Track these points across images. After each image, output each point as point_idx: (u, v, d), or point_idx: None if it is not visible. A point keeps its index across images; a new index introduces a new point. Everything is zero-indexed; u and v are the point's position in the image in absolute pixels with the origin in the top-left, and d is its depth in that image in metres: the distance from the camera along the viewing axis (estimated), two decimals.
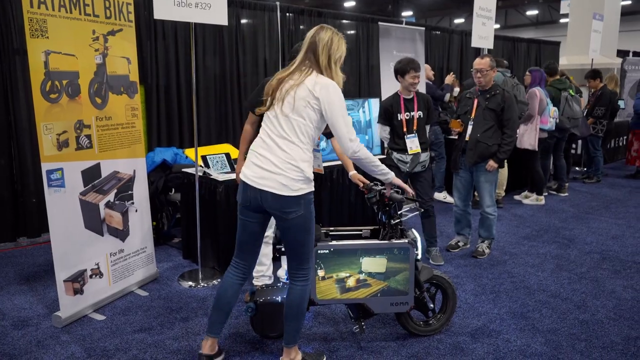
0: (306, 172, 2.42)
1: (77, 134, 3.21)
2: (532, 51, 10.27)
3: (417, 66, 4.08)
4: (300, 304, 2.57)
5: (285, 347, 2.65)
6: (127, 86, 3.60)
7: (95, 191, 3.38)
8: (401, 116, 4.16)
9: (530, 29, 26.73)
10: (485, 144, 4.22)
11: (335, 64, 2.48)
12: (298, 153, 2.41)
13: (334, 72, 2.48)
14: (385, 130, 4.27)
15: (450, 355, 2.89)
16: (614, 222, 5.53)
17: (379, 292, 2.86)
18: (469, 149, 4.29)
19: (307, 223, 2.47)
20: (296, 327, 2.61)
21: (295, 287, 2.58)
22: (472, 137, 4.27)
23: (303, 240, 2.51)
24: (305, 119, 2.42)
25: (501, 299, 3.63)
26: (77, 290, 3.28)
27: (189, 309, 3.45)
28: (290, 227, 2.46)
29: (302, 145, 2.42)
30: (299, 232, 2.47)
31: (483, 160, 4.26)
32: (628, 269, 4.18)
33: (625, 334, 3.12)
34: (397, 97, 4.20)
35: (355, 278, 2.83)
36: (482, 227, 4.51)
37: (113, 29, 3.43)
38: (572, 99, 6.40)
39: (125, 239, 3.66)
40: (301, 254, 2.54)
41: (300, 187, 2.40)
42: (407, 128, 4.17)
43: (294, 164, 2.39)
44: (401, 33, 5.84)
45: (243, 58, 6.03)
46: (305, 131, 2.43)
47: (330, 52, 2.46)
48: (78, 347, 2.95)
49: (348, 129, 2.42)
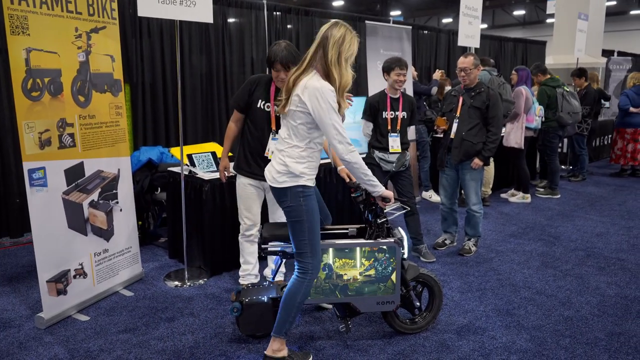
0: (290, 167, 2.51)
1: (59, 132, 3.17)
2: (518, 50, 10.36)
3: (403, 64, 4.09)
4: (292, 295, 2.60)
5: (272, 335, 2.69)
6: (111, 84, 3.56)
7: (79, 190, 3.34)
8: (386, 114, 4.16)
9: (517, 28, 26.91)
10: (470, 142, 4.24)
11: (345, 61, 2.48)
12: (289, 151, 2.53)
13: (343, 69, 2.47)
14: (369, 126, 4.28)
15: (436, 353, 2.90)
16: (599, 220, 5.58)
17: (365, 292, 2.87)
18: (454, 147, 4.31)
19: (296, 214, 2.54)
20: (284, 317, 2.63)
21: (293, 277, 2.64)
22: (457, 135, 4.29)
23: (294, 231, 2.60)
24: (295, 121, 2.50)
25: (487, 296, 3.65)
26: (60, 290, 3.24)
27: (175, 309, 3.42)
28: (285, 215, 2.62)
29: (296, 145, 2.52)
30: (290, 221, 2.60)
31: (468, 158, 4.28)
32: (612, 266, 4.22)
33: (608, 330, 3.15)
34: (383, 95, 4.21)
35: (343, 276, 2.84)
36: (468, 225, 4.53)
37: (96, 26, 3.39)
38: (569, 94, 6.44)
39: (110, 239, 3.62)
40: (296, 244, 2.62)
41: (284, 180, 2.53)
42: (391, 127, 4.17)
43: (282, 159, 2.54)
44: (388, 32, 5.84)
45: (230, 57, 6.01)
46: (298, 133, 2.51)
47: (341, 49, 2.45)
48: (61, 348, 2.92)
49: (337, 132, 2.43)
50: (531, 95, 5.97)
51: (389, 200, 2.69)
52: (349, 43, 2.47)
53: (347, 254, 2.82)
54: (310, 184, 2.57)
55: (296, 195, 2.53)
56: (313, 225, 2.58)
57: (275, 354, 2.69)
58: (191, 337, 3.06)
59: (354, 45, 2.50)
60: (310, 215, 2.55)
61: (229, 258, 4.05)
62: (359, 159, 2.53)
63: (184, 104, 5.65)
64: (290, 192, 2.53)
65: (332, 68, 2.44)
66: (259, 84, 3.34)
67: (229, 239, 4.00)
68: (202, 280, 3.88)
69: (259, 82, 3.35)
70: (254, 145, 3.37)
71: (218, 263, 4.00)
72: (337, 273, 2.84)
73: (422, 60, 8.43)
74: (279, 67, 3.16)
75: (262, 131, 3.34)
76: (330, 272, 2.83)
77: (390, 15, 22.82)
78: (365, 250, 2.82)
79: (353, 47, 2.49)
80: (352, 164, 2.52)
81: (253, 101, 3.34)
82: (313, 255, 2.60)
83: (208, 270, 3.99)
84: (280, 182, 2.54)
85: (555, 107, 6.28)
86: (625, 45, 13.98)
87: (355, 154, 2.50)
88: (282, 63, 3.13)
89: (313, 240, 2.59)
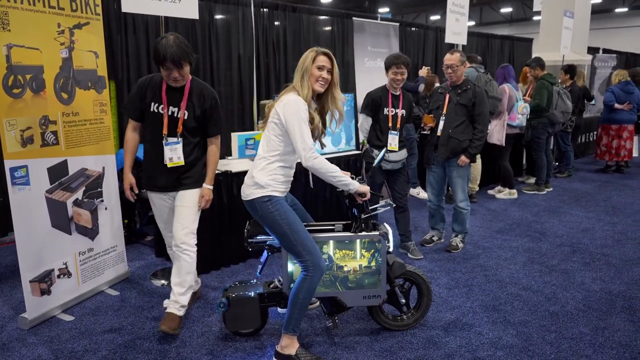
0: (256, 178, 2.63)
1: (42, 130, 3.12)
2: (505, 48, 10.40)
3: (400, 62, 4.02)
4: (296, 291, 2.64)
5: (282, 331, 2.73)
6: (95, 81, 3.51)
7: (63, 189, 3.30)
8: (387, 111, 4.15)
9: (504, 26, 27.09)
10: (456, 139, 4.25)
11: (302, 77, 2.61)
12: (257, 163, 2.67)
13: (302, 86, 2.60)
14: (368, 122, 4.25)
15: (424, 350, 2.90)
16: (584, 216, 5.64)
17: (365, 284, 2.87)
18: (441, 145, 4.32)
19: (271, 222, 2.64)
20: (290, 313, 2.67)
21: (300, 275, 2.67)
22: (444, 133, 4.29)
23: (278, 237, 2.67)
24: (269, 132, 2.64)
25: (474, 292, 3.66)
26: (44, 290, 3.20)
27: (161, 308, 3.38)
28: (263, 226, 2.73)
29: (265, 156, 2.64)
30: (269, 230, 2.70)
31: (455, 155, 4.29)
32: (597, 261, 4.26)
33: (593, 325, 3.18)
34: (385, 91, 4.19)
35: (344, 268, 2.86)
36: (455, 221, 4.55)
37: (79, 22, 3.34)
38: (564, 93, 6.48)
39: (95, 238, 3.58)
40: (287, 249, 2.70)
41: (250, 192, 2.65)
42: (391, 124, 4.16)
43: (250, 173, 2.68)
44: (375, 28, 5.84)
45: (216, 54, 5.95)
46: (270, 144, 2.63)
47: (298, 68, 2.64)
48: (45, 349, 2.88)
49: (302, 140, 2.52)
50: (515, 93, 6.00)
51: (364, 196, 2.70)
52: (303, 60, 2.63)
53: (348, 245, 2.84)
54: (277, 194, 2.64)
55: (263, 204, 2.62)
56: (293, 226, 2.61)
57: (284, 351, 2.72)
58: (177, 336, 3.04)
59: (306, 60, 2.62)
60: (284, 217, 2.61)
61: (216, 256, 4.02)
62: (324, 163, 2.59)
63: None
64: (257, 203, 2.62)
65: (296, 86, 2.63)
66: (150, 85, 3.03)
67: (215, 237, 3.98)
68: None
69: (149, 83, 3.03)
70: (153, 155, 3.08)
71: (205, 261, 3.97)
72: (337, 264, 2.85)
73: (410, 57, 8.40)
74: (169, 65, 2.83)
75: (159, 137, 3.03)
76: (331, 264, 2.84)
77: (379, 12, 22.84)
78: (365, 241, 2.84)
79: (306, 62, 2.61)
80: (316, 169, 2.59)
81: (146, 105, 3.03)
82: (308, 253, 2.61)
83: None
84: (247, 195, 2.67)
85: (550, 103, 6.29)
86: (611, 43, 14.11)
87: (318, 159, 2.56)
88: (174, 60, 2.81)
89: (300, 239, 2.61)
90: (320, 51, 2.65)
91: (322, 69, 2.63)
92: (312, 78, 2.61)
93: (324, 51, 2.66)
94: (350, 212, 2.86)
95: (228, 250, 4.08)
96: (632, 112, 7.71)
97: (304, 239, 2.62)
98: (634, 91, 7.64)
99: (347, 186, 2.66)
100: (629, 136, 7.83)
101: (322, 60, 2.63)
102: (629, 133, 7.81)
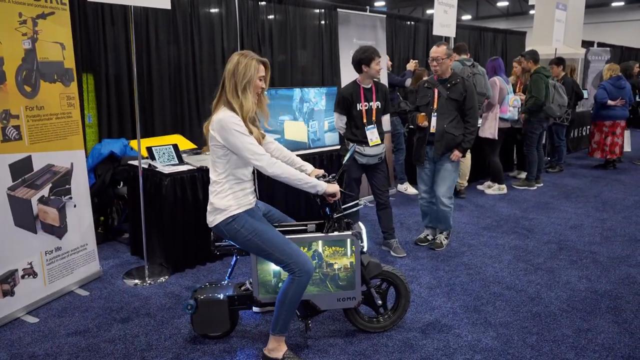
0: (215, 204, 2.55)
1: (3, 124, 2.99)
2: (498, 41, 10.29)
3: (378, 52, 4.01)
4: (282, 293, 2.56)
5: (270, 333, 2.66)
6: (62, 73, 3.38)
7: (26, 186, 3.17)
8: (360, 106, 4.04)
9: (501, 19, 26.90)
10: (452, 134, 4.09)
11: (244, 88, 2.46)
12: (212, 188, 2.58)
13: (242, 97, 2.46)
14: (342, 119, 4.15)
15: (399, 353, 2.79)
16: (574, 212, 5.53)
17: (325, 288, 2.75)
18: (436, 141, 4.15)
19: (242, 240, 2.55)
20: (276, 315, 2.60)
21: (288, 278, 2.58)
22: (439, 129, 4.12)
23: (255, 252, 2.60)
24: (213, 156, 2.54)
25: (456, 292, 3.55)
26: (6, 291, 3.08)
27: (130, 309, 3.27)
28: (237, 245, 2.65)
29: (217, 179, 2.56)
30: (244, 248, 2.62)
31: (449, 150, 4.15)
32: (584, 259, 4.16)
33: (576, 326, 3.07)
34: (356, 87, 4.07)
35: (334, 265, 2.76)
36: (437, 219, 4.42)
37: (43, 12, 3.20)
38: (559, 87, 6.34)
39: (63, 236, 3.45)
40: (268, 259, 2.60)
41: (214, 218, 2.57)
42: (366, 119, 4.05)
43: (210, 200, 2.59)
44: (361, 20, 5.69)
45: (199, 46, 5.82)
46: (217, 166, 2.54)
47: (236, 79, 2.45)
48: (3, 353, 2.76)
49: (252, 152, 2.44)
50: (506, 86, 5.87)
51: (334, 195, 2.59)
52: (244, 69, 2.45)
53: (337, 242, 2.73)
54: (239, 211, 2.54)
55: (228, 226, 2.54)
56: (264, 236, 2.53)
57: (271, 354, 2.64)
58: (144, 338, 2.92)
59: (249, 69, 2.46)
60: (252, 231, 2.53)
61: (190, 254, 3.91)
62: (285, 168, 2.51)
63: (151, 95, 5.46)
64: (222, 226, 2.55)
65: (231, 100, 2.46)
66: None
67: (190, 234, 3.86)
68: (163, 277, 3.73)
69: None
70: None
71: (179, 259, 3.86)
72: (327, 262, 2.74)
73: (400, 50, 8.31)
74: None
75: None
76: (320, 261, 2.74)
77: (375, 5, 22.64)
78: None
79: (250, 72, 2.46)
80: (280, 176, 2.50)
81: None
82: (289, 256, 2.52)
83: (170, 267, 3.84)
84: (210, 222, 2.59)
85: (546, 97, 6.15)
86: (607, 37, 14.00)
87: (277, 165, 2.48)
88: None
89: (275, 246, 2.53)
90: (261, 60, 2.54)
91: (262, 79, 2.55)
92: (255, 89, 2.51)
93: (264, 61, 2.56)
94: (322, 211, 2.75)
95: (204, 248, 3.96)
96: (624, 107, 7.58)
97: (280, 245, 2.53)
98: (625, 86, 7.50)
99: (315, 188, 2.56)
100: (621, 132, 7.70)
101: (263, 70, 2.54)
102: (621, 129, 7.68)
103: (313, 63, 7.15)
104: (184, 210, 3.81)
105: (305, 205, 4.70)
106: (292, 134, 4.93)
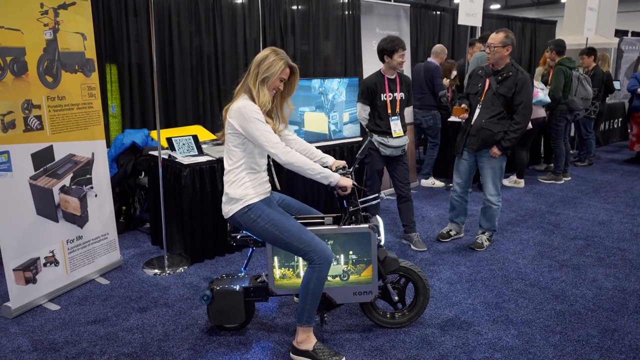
0: (230, 194, 2.55)
1: (25, 114, 3.02)
2: (527, 30, 10.00)
3: (404, 44, 3.93)
4: (305, 283, 2.54)
5: (296, 325, 2.64)
6: (83, 64, 3.39)
7: (48, 175, 3.21)
8: (385, 97, 3.97)
9: (531, 9, 26.22)
10: (489, 130, 3.89)
11: (262, 81, 2.48)
12: (227, 177, 2.58)
13: (260, 91, 2.47)
14: (366, 110, 4.08)
15: (416, 349, 2.74)
16: (602, 207, 5.36)
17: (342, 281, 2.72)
18: (472, 135, 3.98)
19: (259, 230, 2.54)
20: (301, 305, 2.57)
21: (308, 268, 2.55)
22: (477, 123, 3.94)
23: (272, 242, 2.60)
24: (229, 145, 2.55)
25: (477, 288, 3.48)
26: (29, 279, 3.13)
27: (149, 299, 3.30)
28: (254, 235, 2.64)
29: (231, 169, 2.56)
30: (261, 238, 2.61)
31: (487, 147, 3.95)
32: (612, 256, 4.02)
33: (602, 326, 2.97)
34: (381, 77, 4.00)
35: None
36: (483, 217, 4.20)
37: (65, 2, 3.22)
38: (584, 78, 6.14)
39: (84, 225, 3.49)
40: (285, 249, 2.58)
41: (229, 208, 2.57)
42: (391, 109, 3.99)
43: (224, 190, 2.59)
44: (384, 10, 5.59)
45: (221, 37, 5.80)
46: (233, 155, 2.55)
47: (260, 69, 2.48)
48: (25, 339, 2.81)
49: (267, 140, 2.44)
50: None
51: (346, 189, 2.54)
52: (270, 64, 2.47)
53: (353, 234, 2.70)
54: (255, 200, 2.54)
55: (245, 216, 2.54)
56: (281, 225, 2.52)
57: (300, 346, 2.62)
58: (161, 328, 2.94)
59: (274, 66, 2.48)
60: (269, 220, 2.52)
61: (209, 245, 3.92)
62: (298, 157, 2.50)
63: (173, 86, 5.48)
64: (238, 216, 2.55)
65: (252, 87, 2.49)
66: None
67: (209, 225, 3.87)
68: (182, 268, 3.75)
69: None
70: None
71: (198, 250, 3.87)
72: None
73: (425, 40, 8.15)
74: None
75: None
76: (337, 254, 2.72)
77: None
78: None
79: (273, 68, 2.48)
80: (293, 164, 2.48)
81: None
82: (307, 245, 2.50)
83: (188, 257, 3.86)
84: (226, 213, 2.59)
85: (569, 89, 5.97)
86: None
87: (292, 153, 2.48)
88: None
89: (292, 235, 2.51)
90: (290, 64, 2.54)
91: (282, 80, 2.55)
92: (272, 86, 2.51)
93: (293, 65, 2.57)
94: (338, 204, 2.70)
95: (223, 239, 3.96)
96: None
97: (298, 233, 2.51)
98: None
99: (327, 179, 2.53)
100: None
101: (287, 73, 2.55)
102: None
103: (336, 53, 7.07)
104: (203, 201, 3.81)
105: (325, 198, 4.66)
106: (312, 125, 4.88)
